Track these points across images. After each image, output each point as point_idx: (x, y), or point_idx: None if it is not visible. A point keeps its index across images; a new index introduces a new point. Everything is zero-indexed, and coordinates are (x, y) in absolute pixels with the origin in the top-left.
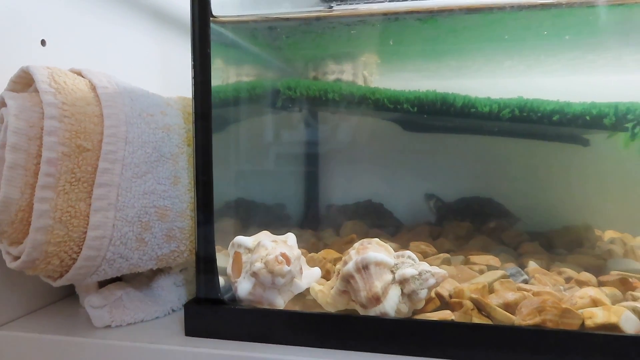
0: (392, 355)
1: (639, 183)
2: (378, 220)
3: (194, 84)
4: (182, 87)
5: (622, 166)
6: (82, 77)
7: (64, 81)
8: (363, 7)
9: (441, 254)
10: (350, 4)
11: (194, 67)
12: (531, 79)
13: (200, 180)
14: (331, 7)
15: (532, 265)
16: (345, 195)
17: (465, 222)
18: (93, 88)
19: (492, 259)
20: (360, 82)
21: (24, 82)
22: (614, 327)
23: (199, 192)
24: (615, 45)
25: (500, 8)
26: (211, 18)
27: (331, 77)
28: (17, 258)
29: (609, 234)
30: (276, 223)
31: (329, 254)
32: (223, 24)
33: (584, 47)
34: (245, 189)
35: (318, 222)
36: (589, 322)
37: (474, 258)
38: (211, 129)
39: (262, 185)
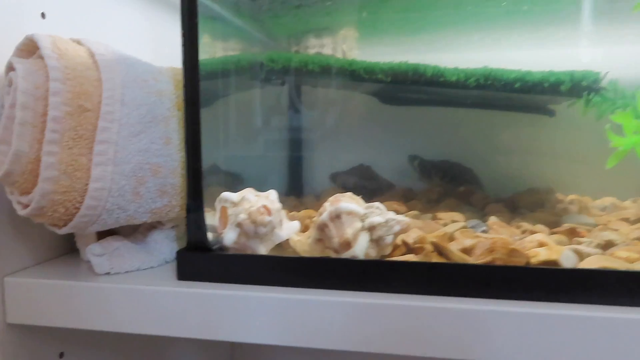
0: (361, 291)
1: (597, 149)
2: (359, 186)
3: (184, 56)
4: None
5: (583, 134)
6: (81, 45)
7: (65, 48)
8: None
9: (411, 212)
10: None
11: (183, 37)
12: (499, 53)
13: (190, 143)
14: None
15: (493, 219)
16: (328, 164)
17: (437, 188)
18: (92, 55)
19: (456, 216)
20: (339, 55)
21: (29, 49)
22: (555, 263)
23: (188, 152)
24: (574, 19)
25: None
26: None
27: (312, 51)
28: (26, 206)
29: (571, 197)
30: (261, 190)
31: (309, 213)
32: None
33: (545, 20)
34: (232, 157)
35: (301, 188)
36: (533, 260)
37: (440, 214)
38: (199, 96)
39: (248, 154)
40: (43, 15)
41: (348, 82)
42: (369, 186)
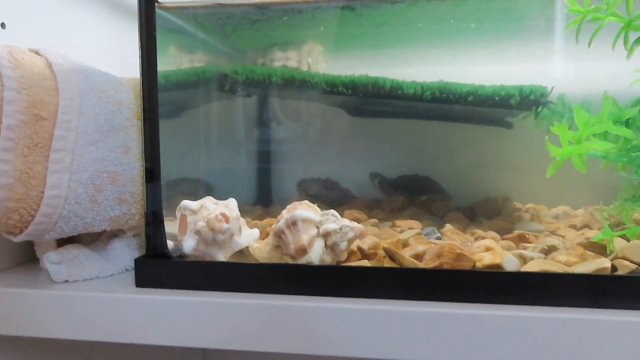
0: (315, 297)
1: (550, 160)
2: (324, 196)
3: (141, 65)
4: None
5: (537, 145)
6: (40, 55)
7: (22, 58)
8: None
9: (371, 220)
10: None
11: (141, 49)
12: (457, 68)
13: (148, 151)
14: None
15: (448, 226)
16: (295, 174)
17: (401, 197)
18: (49, 65)
19: (414, 223)
20: (304, 68)
21: None
22: (498, 266)
23: (147, 161)
24: (524, 36)
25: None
26: (156, 3)
27: (277, 64)
28: None
29: (528, 206)
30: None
31: (271, 221)
32: (167, 9)
33: (497, 37)
34: (199, 168)
35: (268, 198)
36: (478, 264)
37: (398, 222)
38: (157, 106)
39: (215, 165)
40: (3, 25)
41: (312, 94)
42: (333, 196)
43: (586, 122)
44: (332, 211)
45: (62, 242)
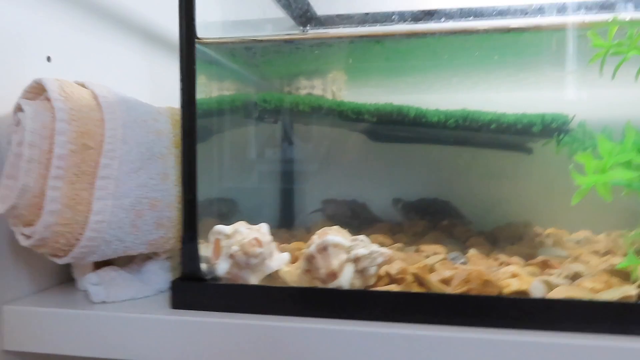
0: (346, 319)
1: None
2: (349, 219)
3: (182, 98)
4: (170, 99)
5: (558, 171)
6: (86, 88)
7: (71, 91)
8: (332, 31)
9: (396, 244)
10: (321, 28)
11: (182, 82)
12: (477, 94)
13: (186, 178)
14: (305, 30)
15: (472, 252)
16: (319, 198)
17: (422, 221)
18: (95, 97)
19: (438, 248)
20: (329, 96)
21: (36, 92)
22: (525, 293)
23: (184, 187)
24: (544, 65)
25: (448, 33)
26: (196, 39)
27: (303, 92)
28: (29, 237)
29: (549, 231)
30: (254, 222)
31: (298, 245)
32: (207, 44)
33: (519, 66)
34: (228, 191)
35: (293, 222)
36: (505, 290)
37: (423, 247)
38: (196, 136)
39: (243, 188)
40: (49, 58)
41: (337, 121)
42: (358, 220)
43: (610, 151)
44: (362, 236)
45: (98, 264)
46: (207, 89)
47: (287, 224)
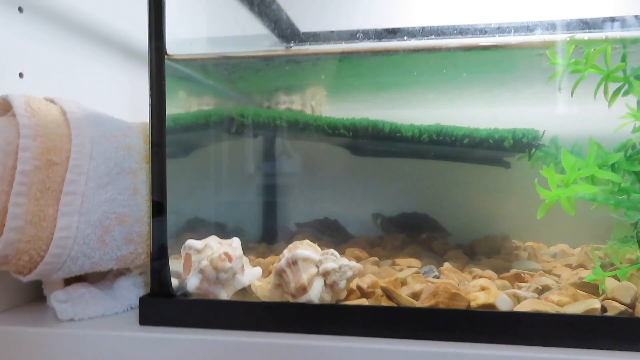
0: (316, 334)
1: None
2: (328, 234)
3: (151, 113)
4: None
5: (532, 185)
6: (54, 103)
7: (37, 107)
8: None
9: (371, 258)
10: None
11: (151, 97)
12: (454, 110)
13: (155, 192)
14: (289, 46)
15: (446, 265)
16: (300, 212)
17: (401, 234)
18: (63, 113)
19: (413, 262)
20: (308, 111)
21: (3, 108)
22: (492, 306)
23: (153, 201)
24: (516, 82)
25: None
26: (166, 56)
27: (282, 107)
28: None
29: (528, 244)
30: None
31: (274, 259)
32: (177, 61)
33: (490, 83)
34: (203, 207)
35: (274, 236)
36: (473, 304)
37: (399, 261)
38: (165, 151)
39: (221, 202)
40: (21, 75)
41: (315, 135)
42: (333, 236)
43: (573, 166)
44: (332, 250)
45: (69, 281)
46: (186, 104)
47: (267, 238)
